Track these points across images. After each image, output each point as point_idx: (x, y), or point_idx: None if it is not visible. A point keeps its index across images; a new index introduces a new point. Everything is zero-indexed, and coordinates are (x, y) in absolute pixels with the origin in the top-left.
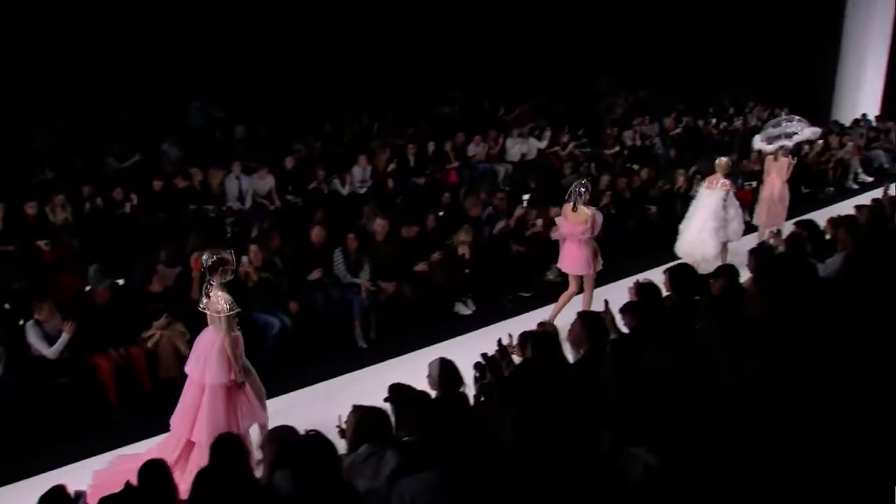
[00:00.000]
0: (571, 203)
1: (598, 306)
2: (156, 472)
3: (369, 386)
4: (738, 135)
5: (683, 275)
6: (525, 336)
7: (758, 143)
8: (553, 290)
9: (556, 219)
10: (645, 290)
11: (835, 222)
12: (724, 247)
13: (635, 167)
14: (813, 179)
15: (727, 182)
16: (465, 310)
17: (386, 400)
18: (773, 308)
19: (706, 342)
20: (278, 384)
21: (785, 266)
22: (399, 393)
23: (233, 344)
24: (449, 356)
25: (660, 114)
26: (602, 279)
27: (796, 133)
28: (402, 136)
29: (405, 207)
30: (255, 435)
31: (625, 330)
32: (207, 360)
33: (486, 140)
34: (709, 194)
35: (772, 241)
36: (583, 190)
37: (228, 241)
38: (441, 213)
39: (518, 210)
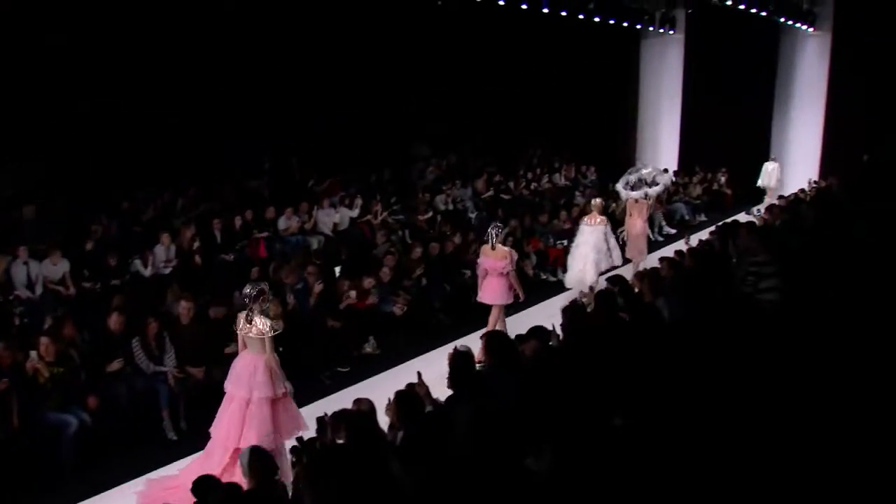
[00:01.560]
0: (489, 243)
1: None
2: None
3: None
4: (547, 194)
5: (496, 341)
6: (337, 417)
7: (621, 190)
8: (372, 363)
9: (479, 259)
10: (457, 359)
11: (640, 276)
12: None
13: (448, 231)
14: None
15: (604, 218)
16: None
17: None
18: (581, 366)
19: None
20: (79, 488)
21: (593, 323)
22: (207, 487)
23: (275, 361)
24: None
25: (471, 177)
26: (421, 349)
27: (656, 181)
28: (207, 210)
29: (213, 286)
30: None
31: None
32: (252, 378)
33: (297, 213)
34: (590, 230)
35: (584, 299)
36: (498, 231)
37: (15, 334)
38: None
39: (316, 287)
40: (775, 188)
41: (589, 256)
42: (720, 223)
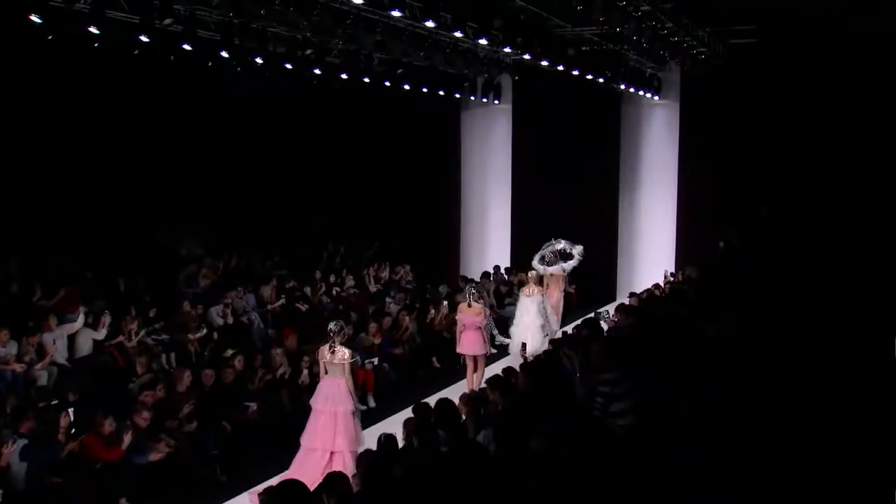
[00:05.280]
0: (467, 302)
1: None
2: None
3: None
4: (353, 302)
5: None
6: None
7: (537, 266)
8: None
9: (457, 315)
10: None
11: (465, 399)
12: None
13: (228, 353)
14: (443, 348)
15: (540, 288)
16: None
17: None
18: None
19: None
20: None
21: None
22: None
23: (351, 383)
24: None
25: (256, 282)
26: None
27: (570, 254)
28: None
29: None
30: None
31: None
32: (338, 396)
33: (17, 337)
34: (529, 301)
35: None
36: (474, 291)
37: None
38: None
39: (70, 445)
40: None
41: (535, 324)
42: (562, 330)
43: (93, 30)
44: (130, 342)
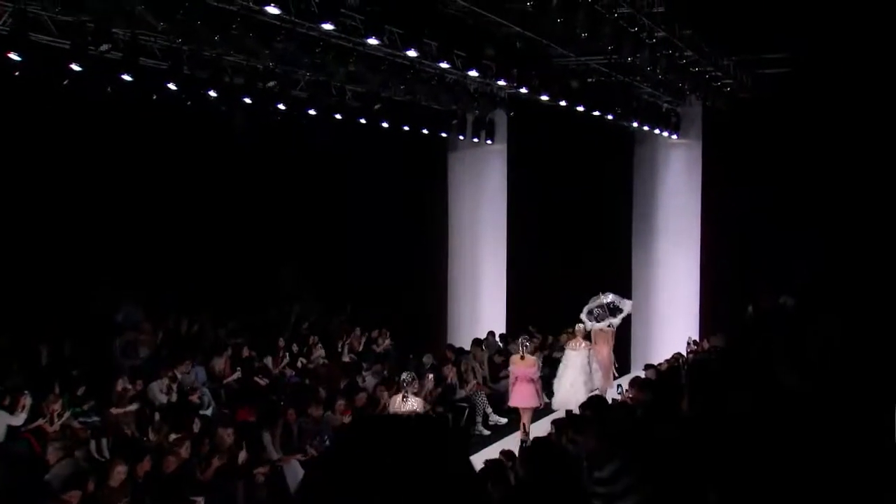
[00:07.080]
0: (520, 354)
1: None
2: None
3: None
4: (322, 375)
5: None
6: None
7: (585, 320)
8: None
9: (509, 367)
10: None
11: None
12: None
13: (172, 437)
14: None
15: (587, 343)
16: None
17: None
18: None
19: None
20: None
21: None
22: None
23: None
24: None
25: (207, 353)
26: None
27: (619, 308)
28: None
29: None
30: None
31: None
32: None
33: None
34: (575, 354)
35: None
36: (527, 343)
37: None
38: None
39: None
40: None
41: (578, 379)
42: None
43: (13, 56)
44: (52, 426)
